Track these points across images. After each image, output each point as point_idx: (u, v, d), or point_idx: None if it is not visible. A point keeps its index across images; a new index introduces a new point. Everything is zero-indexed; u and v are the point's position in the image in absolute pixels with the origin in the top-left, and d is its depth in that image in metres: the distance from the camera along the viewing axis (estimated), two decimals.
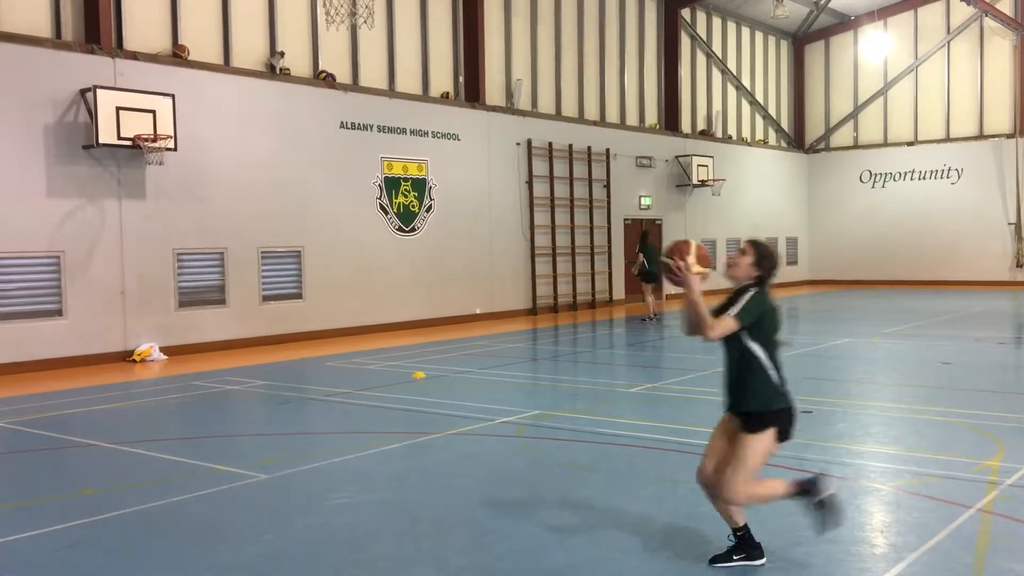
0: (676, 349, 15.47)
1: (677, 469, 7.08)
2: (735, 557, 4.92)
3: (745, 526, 4.97)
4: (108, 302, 14.50)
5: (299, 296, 17.29)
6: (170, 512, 6.22)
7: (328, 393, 11.06)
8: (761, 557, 4.92)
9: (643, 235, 20.08)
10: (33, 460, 8.04)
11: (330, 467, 7.37)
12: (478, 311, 20.68)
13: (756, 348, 4.77)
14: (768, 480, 5.00)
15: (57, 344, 13.93)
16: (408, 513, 6.12)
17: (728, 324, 4.78)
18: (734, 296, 4.95)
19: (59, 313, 14.02)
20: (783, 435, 4.83)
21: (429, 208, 19.63)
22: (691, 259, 4.94)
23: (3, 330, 13.40)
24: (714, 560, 4.96)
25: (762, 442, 4.76)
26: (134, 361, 14.47)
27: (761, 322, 4.82)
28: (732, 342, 4.83)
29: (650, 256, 19.31)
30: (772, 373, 4.78)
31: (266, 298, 16.75)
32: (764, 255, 5.04)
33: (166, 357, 14.86)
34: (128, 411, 10.48)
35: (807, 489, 4.87)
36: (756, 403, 4.76)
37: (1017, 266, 28.89)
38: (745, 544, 4.93)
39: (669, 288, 26.18)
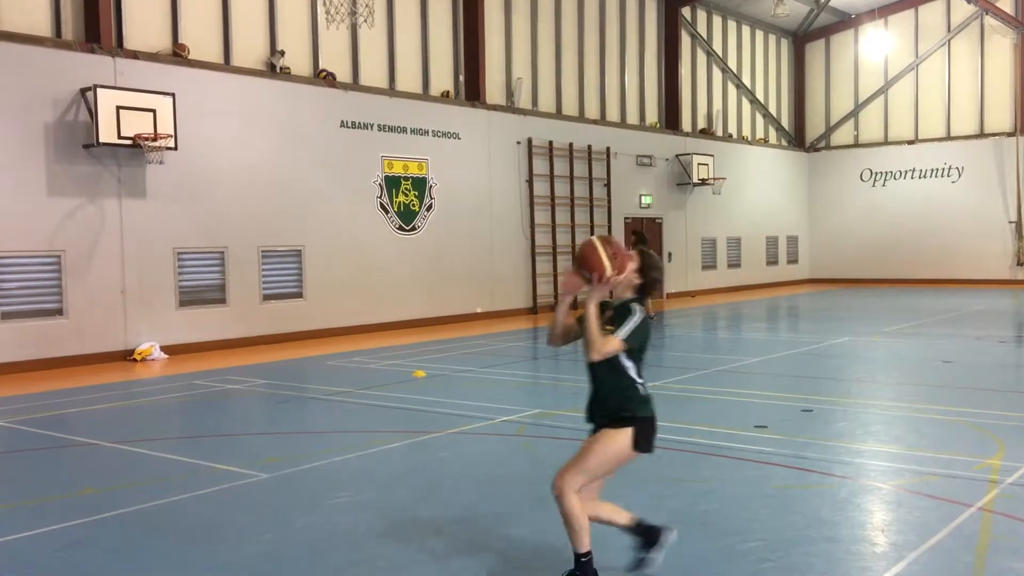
0: (677, 348, 15.47)
1: (678, 468, 7.08)
2: None
3: (633, 520, 4.79)
4: (109, 301, 14.50)
5: (299, 295, 17.29)
6: (170, 511, 6.22)
7: (329, 392, 11.07)
8: None
9: (639, 236, 19.80)
10: (33, 459, 8.05)
11: (331, 466, 7.38)
12: (478, 310, 20.68)
13: (628, 363, 4.63)
14: (605, 506, 4.82)
15: (58, 343, 13.93)
16: (409, 512, 6.12)
17: (615, 346, 4.50)
18: (618, 309, 4.61)
19: (60, 312, 14.03)
20: (641, 443, 4.67)
21: (429, 207, 19.63)
22: (606, 263, 4.48)
23: (4, 329, 13.40)
24: None
25: (616, 441, 4.61)
26: (135, 360, 14.47)
27: (644, 337, 4.63)
28: (619, 358, 4.60)
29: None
30: (639, 386, 4.68)
31: (266, 297, 16.75)
32: (650, 267, 4.70)
33: (167, 356, 14.87)
34: (128, 410, 10.48)
35: (650, 536, 4.74)
36: (621, 408, 4.65)
37: (1018, 264, 28.87)
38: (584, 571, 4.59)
39: (673, 287, 26.19)
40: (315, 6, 17.84)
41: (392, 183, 18.87)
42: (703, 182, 26.82)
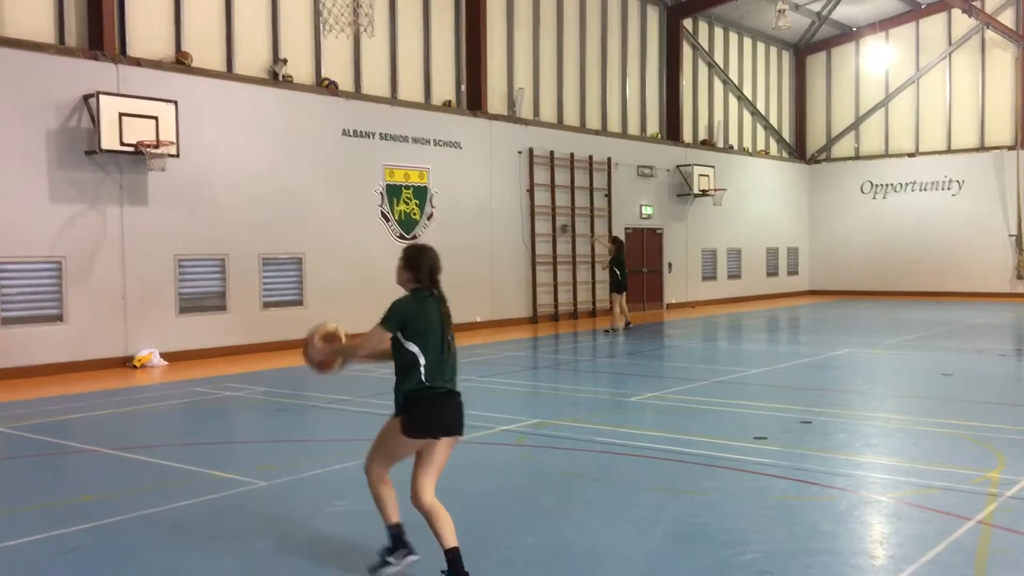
0: (678, 359, 15.47)
1: (677, 478, 7.07)
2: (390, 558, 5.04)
3: (398, 525, 5.06)
4: (109, 307, 14.51)
5: (300, 303, 17.29)
6: (169, 518, 6.22)
7: (328, 400, 11.06)
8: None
9: (619, 244, 19.75)
10: (33, 465, 8.04)
11: (330, 474, 7.37)
12: (479, 319, 20.68)
13: (414, 348, 4.87)
14: (390, 499, 5.09)
15: (58, 349, 13.93)
16: (407, 521, 6.10)
17: (374, 334, 4.88)
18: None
19: (60, 318, 14.03)
20: (409, 428, 4.90)
21: (430, 216, 19.66)
22: (319, 342, 5.15)
23: (4, 335, 13.40)
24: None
25: (391, 426, 4.95)
26: (135, 367, 14.47)
27: (409, 324, 4.87)
28: (397, 346, 4.92)
29: (622, 266, 19.23)
30: (423, 370, 4.89)
31: (267, 304, 16.75)
32: (408, 256, 5.06)
33: (166, 363, 14.86)
34: (128, 417, 10.48)
35: (393, 543, 5.03)
36: (396, 393, 4.96)
37: (1018, 278, 28.87)
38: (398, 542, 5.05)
39: (673, 298, 26.19)
40: (318, 15, 17.88)
41: (393, 192, 18.90)
42: (704, 193, 26.85)
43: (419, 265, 5.01)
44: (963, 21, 28.89)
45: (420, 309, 4.90)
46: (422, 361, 4.88)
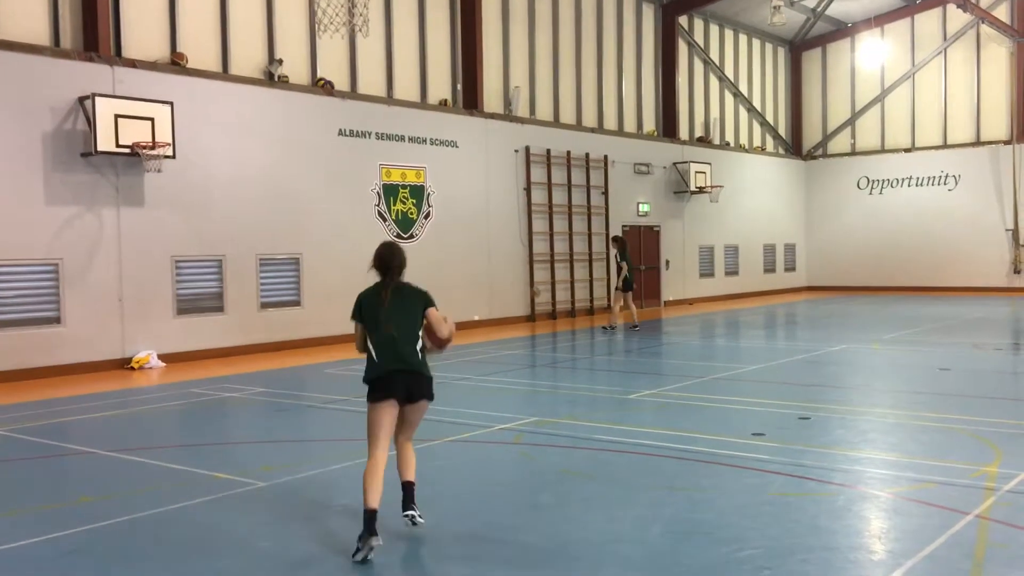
0: (676, 356, 15.48)
1: (675, 475, 7.08)
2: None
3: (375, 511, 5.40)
4: (106, 309, 14.50)
5: (297, 303, 17.29)
6: (167, 520, 6.22)
7: (326, 400, 11.06)
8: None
9: (622, 244, 19.67)
10: (31, 468, 8.03)
11: (328, 475, 7.37)
12: (476, 318, 20.68)
13: (369, 336, 5.75)
14: (375, 483, 5.51)
15: (55, 351, 13.91)
16: (405, 521, 6.11)
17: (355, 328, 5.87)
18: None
19: (57, 320, 14.02)
20: (372, 394, 5.79)
21: (427, 215, 19.65)
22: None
23: (1, 337, 13.39)
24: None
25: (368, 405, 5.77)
26: (132, 368, 14.46)
27: (361, 312, 5.79)
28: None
29: (629, 263, 19.15)
30: (372, 350, 5.73)
31: (264, 305, 16.75)
32: (375, 255, 6.04)
33: (164, 364, 14.86)
34: (126, 418, 10.47)
35: (365, 531, 5.29)
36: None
37: (1014, 272, 28.92)
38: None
39: (671, 295, 26.21)
40: (313, 15, 17.85)
41: (390, 191, 18.90)
42: (700, 190, 26.87)
43: (374, 260, 5.97)
44: (958, 16, 28.91)
45: (371, 296, 5.79)
46: (373, 343, 5.72)
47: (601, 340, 17.89)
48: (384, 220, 18.77)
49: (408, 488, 5.77)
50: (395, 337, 5.67)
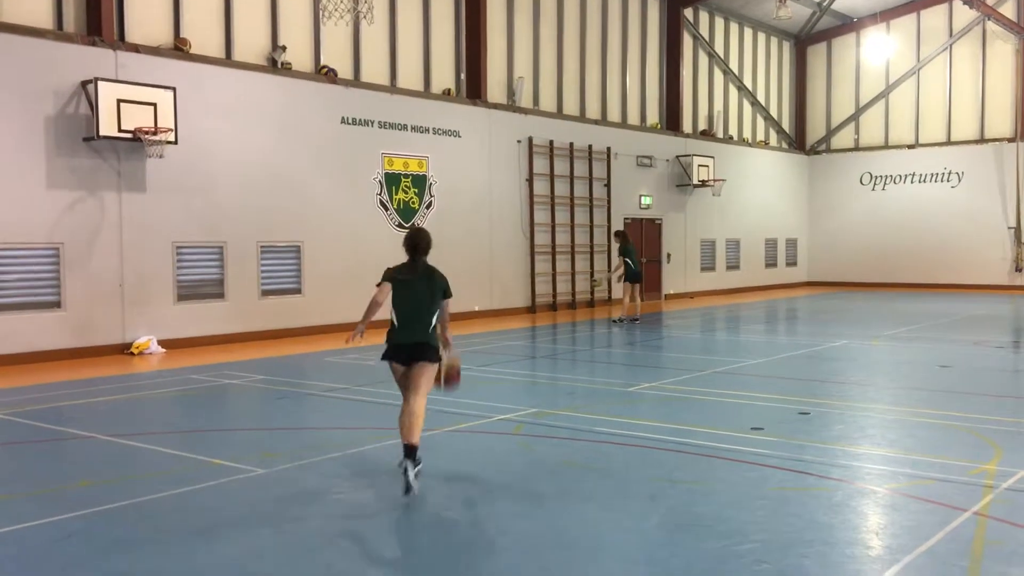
0: (675, 349, 15.49)
1: (674, 468, 7.09)
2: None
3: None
4: (107, 294, 14.50)
5: (298, 291, 17.29)
6: (166, 505, 6.23)
7: (326, 388, 11.07)
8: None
9: (623, 237, 19.58)
10: (30, 452, 8.04)
11: (327, 462, 7.38)
12: (477, 308, 20.68)
13: (392, 304, 6.87)
14: (415, 423, 6.53)
15: (55, 336, 13.92)
16: (406, 509, 6.12)
17: (375, 291, 6.97)
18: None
19: (58, 305, 14.02)
20: (384, 355, 6.93)
21: (429, 205, 19.63)
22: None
23: (1, 321, 13.39)
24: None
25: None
26: (132, 354, 14.47)
27: (392, 277, 6.91)
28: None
29: (632, 256, 18.99)
30: (394, 320, 6.90)
31: (265, 292, 16.75)
32: (406, 237, 7.16)
33: (164, 350, 14.86)
34: (126, 404, 10.48)
35: (408, 457, 6.31)
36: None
37: (1016, 270, 28.90)
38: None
39: (672, 288, 26.21)
40: (318, 2, 17.82)
41: (392, 180, 18.88)
42: (703, 183, 26.83)
43: (404, 241, 7.08)
44: (964, 12, 28.83)
45: (401, 270, 6.93)
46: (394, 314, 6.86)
47: (602, 332, 17.89)
48: (386, 209, 18.75)
49: (410, 450, 6.36)
50: (414, 313, 6.77)
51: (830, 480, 6.67)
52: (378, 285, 6.86)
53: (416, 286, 6.80)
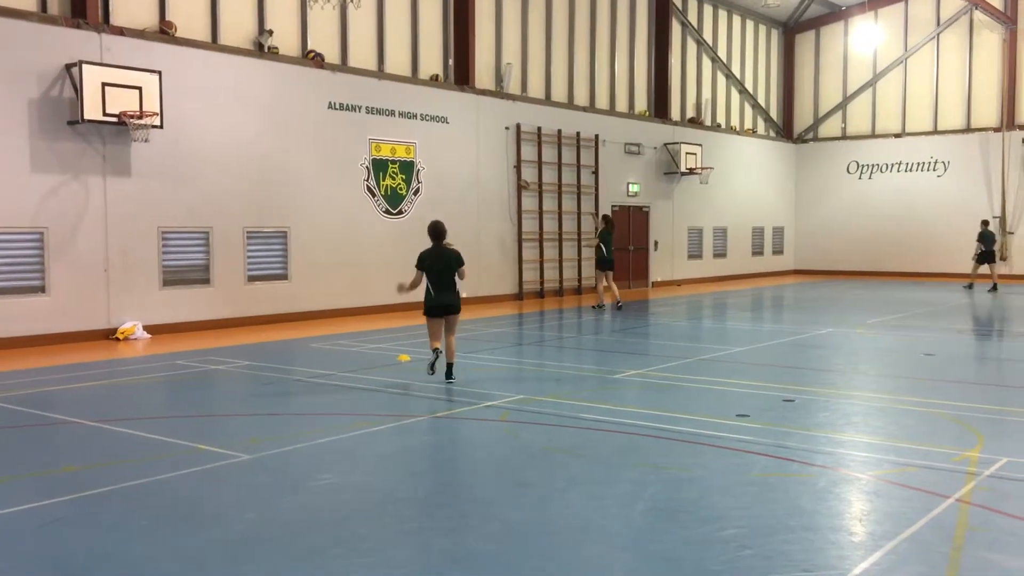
0: (662, 336, 15.52)
1: (659, 455, 7.11)
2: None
3: (437, 349, 10.22)
4: (91, 279, 14.42)
5: (285, 277, 17.23)
6: (151, 490, 6.21)
7: (312, 374, 11.05)
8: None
9: (607, 222, 19.56)
10: (14, 437, 8.01)
11: (314, 448, 7.37)
12: (464, 295, 20.58)
13: (426, 277, 10.33)
14: (452, 349, 10.41)
15: (39, 321, 13.84)
16: (391, 495, 6.13)
17: (415, 274, 10.55)
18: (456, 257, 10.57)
19: (42, 290, 13.93)
20: (427, 313, 10.38)
21: (417, 191, 19.58)
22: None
23: None
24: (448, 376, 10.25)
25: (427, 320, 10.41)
26: (117, 339, 14.41)
27: (423, 263, 10.41)
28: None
29: (607, 242, 18.96)
30: (430, 288, 10.24)
31: (251, 278, 16.68)
32: (430, 227, 10.74)
33: (149, 336, 14.80)
34: (110, 389, 10.44)
35: (433, 362, 10.07)
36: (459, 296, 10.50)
37: (1001, 259, 29.06)
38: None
39: (659, 276, 26.25)
40: None
41: (379, 166, 18.81)
42: (691, 171, 26.86)
43: (428, 230, 10.67)
44: (952, 2, 28.90)
45: (429, 254, 10.47)
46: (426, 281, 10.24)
47: (588, 319, 17.92)
48: (373, 195, 18.69)
49: (449, 367, 10.26)
50: (441, 283, 10.28)
51: (814, 467, 6.71)
52: (418, 269, 10.43)
53: (440, 264, 10.31)
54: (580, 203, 23.67)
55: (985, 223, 25.24)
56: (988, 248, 24.83)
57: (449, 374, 10.18)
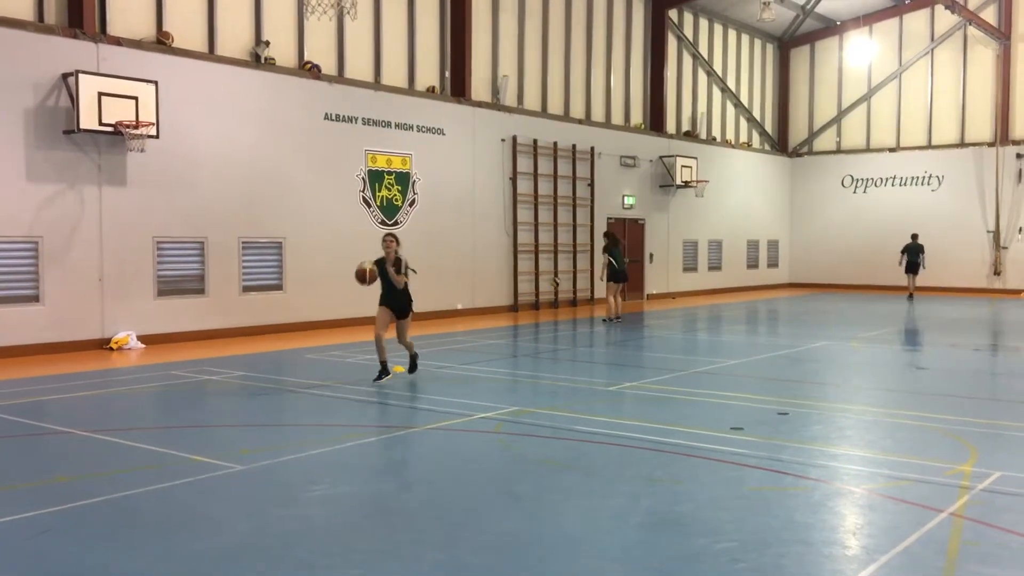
0: (656, 349, 15.52)
1: (653, 467, 7.11)
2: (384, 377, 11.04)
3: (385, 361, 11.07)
4: (86, 289, 14.39)
5: (280, 287, 17.22)
6: (144, 501, 6.19)
7: (306, 385, 11.03)
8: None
9: (610, 238, 19.69)
10: (7, 446, 7.97)
11: (307, 459, 7.35)
12: (459, 307, 20.66)
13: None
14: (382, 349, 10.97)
15: (33, 330, 13.81)
16: (384, 507, 6.12)
17: (405, 279, 11.16)
18: (397, 264, 11.08)
19: (36, 299, 13.90)
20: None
21: (412, 202, 19.60)
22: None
23: None
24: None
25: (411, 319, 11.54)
26: (111, 349, 14.37)
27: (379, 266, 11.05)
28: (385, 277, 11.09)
29: (616, 256, 19.09)
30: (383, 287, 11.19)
31: (246, 288, 16.67)
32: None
33: (144, 346, 14.77)
34: (104, 399, 10.41)
35: (381, 371, 11.04)
36: (410, 303, 11.45)
37: (995, 274, 29.16)
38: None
39: (654, 288, 26.28)
40: None
41: (375, 177, 18.83)
42: (686, 184, 26.92)
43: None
44: (946, 17, 29.05)
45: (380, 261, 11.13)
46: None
47: (584, 332, 17.92)
48: (369, 206, 18.70)
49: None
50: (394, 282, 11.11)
51: (808, 480, 6.71)
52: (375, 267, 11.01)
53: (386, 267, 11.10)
54: (576, 215, 23.71)
55: (914, 236, 26.70)
56: (911, 259, 26.44)
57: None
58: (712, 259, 29.64)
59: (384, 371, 11.03)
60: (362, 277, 10.85)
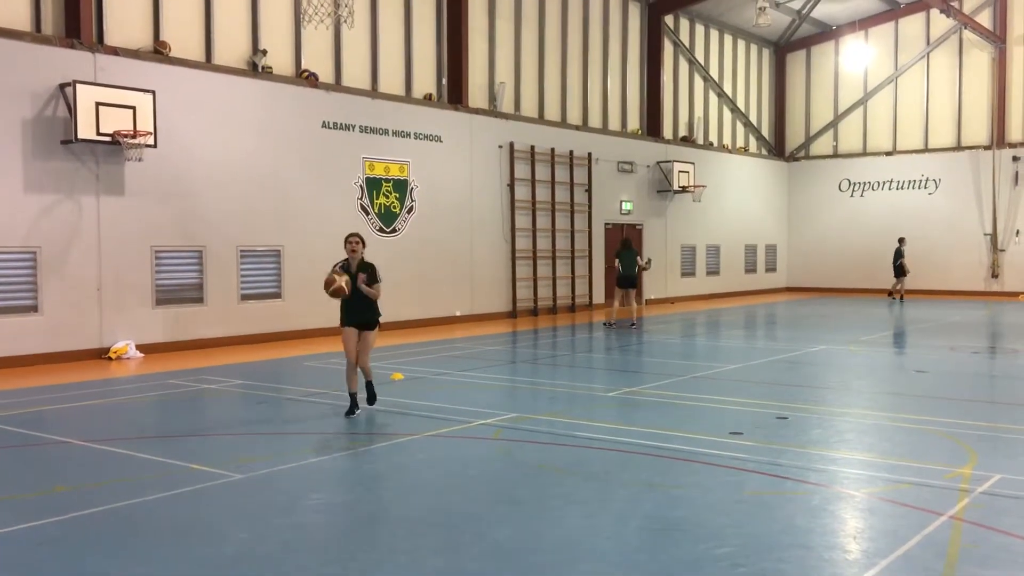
0: (655, 354, 15.52)
1: (653, 472, 7.10)
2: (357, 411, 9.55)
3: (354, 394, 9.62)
4: (84, 299, 14.38)
5: (278, 295, 17.22)
6: (144, 511, 6.18)
7: (305, 393, 11.03)
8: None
9: (623, 242, 19.88)
10: (5, 457, 7.96)
11: (306, 467, 7.35)
12: (458, 313, 20.66)
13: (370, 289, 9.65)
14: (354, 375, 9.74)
15: (32, 340, 13.79)
16: (384, 513, 6.11)
17: (379, 291, 9.78)
18: (361, 266, 9.79)
19: (34, 309, 13.90)
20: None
21: (410, 209, 19.61)
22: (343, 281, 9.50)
23: None
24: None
25: (376, 334, 9.94)
26: (110, 358, 14.36)
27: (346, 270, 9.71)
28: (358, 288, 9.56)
29: (625, 261, 19.21)
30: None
31: (245, 297, 16.66)
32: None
33: (142, 355, 14.76)
34: (103, 409, 10.40)
35: (352, 405, 9.56)
36: (376, 316, 9.81)
37: (992, 277, 29.18)
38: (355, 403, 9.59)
39: (652, 293, 26.31)
40: (298, 6, 17.75)
41: (373, 185, 18.84)
42: (683, 189, 26.95)
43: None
44: (941, 21, 29.12)
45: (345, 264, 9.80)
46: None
47: (582, 337, 17.92)
48: (367, 214, 18.71)
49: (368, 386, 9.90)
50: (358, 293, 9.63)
51: (808, 484, 6.71)
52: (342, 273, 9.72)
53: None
54: (574, 221, 23.73)
55: (900, 240, 27.50)
56: (895, 263, 27.34)
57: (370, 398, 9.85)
58: (710, 264, 29.66)
59: (355, 404, 9.53)
60: (339, 293, 9.36)
